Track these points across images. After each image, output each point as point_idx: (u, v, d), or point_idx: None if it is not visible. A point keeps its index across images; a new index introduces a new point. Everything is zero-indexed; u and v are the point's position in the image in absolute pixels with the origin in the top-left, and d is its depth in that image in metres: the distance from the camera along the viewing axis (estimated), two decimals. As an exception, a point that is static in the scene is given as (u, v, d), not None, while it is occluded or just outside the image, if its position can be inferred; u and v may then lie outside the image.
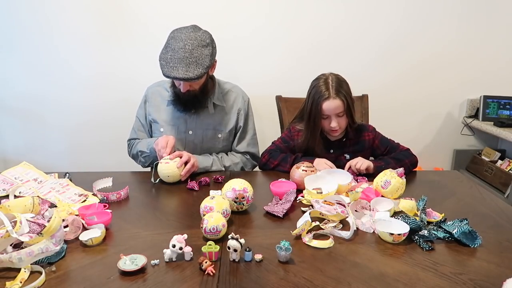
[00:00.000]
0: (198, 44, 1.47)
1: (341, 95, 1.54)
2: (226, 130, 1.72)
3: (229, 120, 1.73)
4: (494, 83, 2.48)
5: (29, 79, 2.32)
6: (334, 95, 1.53)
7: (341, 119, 1.58)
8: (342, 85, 1.56)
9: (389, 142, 1.69)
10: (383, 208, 1.20)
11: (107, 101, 2.36)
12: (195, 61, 1.46)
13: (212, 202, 1.10)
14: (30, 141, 2.42)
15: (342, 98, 1.53)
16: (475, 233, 1.05)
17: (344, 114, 1.57)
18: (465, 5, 2.34)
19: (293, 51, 2.35)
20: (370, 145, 1.67)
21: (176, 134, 1.68)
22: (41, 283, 0.86)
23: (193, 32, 1.49)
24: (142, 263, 0.90)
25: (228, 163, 1.69)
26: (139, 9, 2.23)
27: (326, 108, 1.54)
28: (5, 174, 1.40)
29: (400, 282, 0.88)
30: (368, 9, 2.32)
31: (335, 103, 1.53)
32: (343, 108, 1.55)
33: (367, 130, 1.69)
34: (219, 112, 1.71)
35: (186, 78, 1.46)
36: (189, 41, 1.47)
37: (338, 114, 1.56)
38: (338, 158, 1.65)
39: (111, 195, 1.30)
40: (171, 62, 1.46)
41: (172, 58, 1.46)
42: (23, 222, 0.90)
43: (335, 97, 1.53)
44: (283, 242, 0.95)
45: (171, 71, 1.46)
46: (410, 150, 1.66)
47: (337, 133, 1.62)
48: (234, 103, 1.75)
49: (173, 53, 1.46)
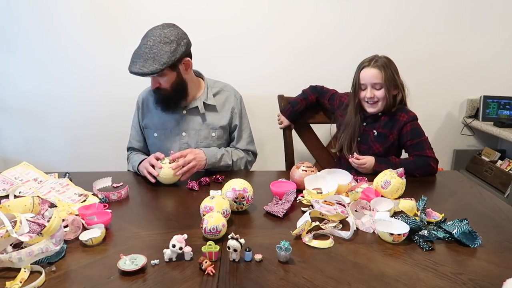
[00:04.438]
0: (160, 41, 1.48)
1: (380, 66, 1.58)
2: (219, 128, 1.72)
3: (222, 118, 1.73)
4: (494, 83, 2.48)
5: (30, 78, 2.31)
6: (374, 64, 1.59)
7: (379, 92, 1.60)
8: (385, 61, 1.61)
9: (420, 136, 1.63)
10: (383, 208, 1.20)
11: (108, 98, 2.35)
12: (153, 57, 1.47)
13: (212, 202, 1.10)
14: (30, 139, 2.42)
15: (380, 69, 1.58)
16: (475, 233, 1.05)
17: (381, 87, 1.59)
18: (465, 5, 2.34)
19: (290, 50, 2.34)
20: (400, 127, 1.63)
21: (170, 137, 1.68)
22: (41, 283, 0.86)
23: (161, 29, 1.51)
24: (142, 263, 0.90)
25: (235, 157, 1.69)
26: (140, 5, 2.23)
27: (363, 76, 1.61)
28: (5, 174, 1.40)
29: (400, 282, 0.88)
30: (368, 8, 2.31)
31: (372, 72, 1.59)
32: (381, 79, 1.58)
33: (406, 112, 1.65)
34: (211, 111, 1.71)
35: (140, 72, 1.47)
36: (153, 37, 1.49)
37: (375, 84, 1.59)
38: (366, 132, 1.67)
39: (112, 195, 1.30)
40: (134, 57, 1.50)
41: (135, 54, 1.50)
42: (23, 222, 0.90)
43: (373, 66, 1.59)
44: (283, 242, 0.95)
45: (130, 65, 1.50)
46: (433, 159, 1.59)
47: (374, 107, 1.63)
48: (226, 102, 1.74)
49: (137, 49, 1.50)
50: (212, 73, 1.73)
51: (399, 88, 1.64)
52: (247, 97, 1.81)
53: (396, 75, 1.62)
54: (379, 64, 1.60)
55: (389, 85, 1.59)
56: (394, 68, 1.63)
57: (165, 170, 1.44)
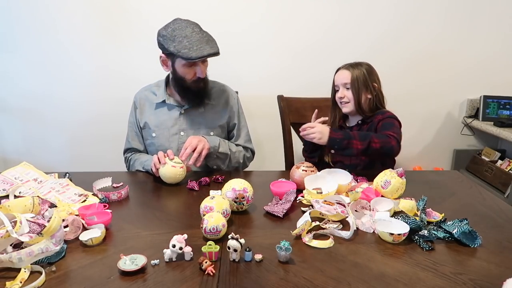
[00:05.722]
0: (199, 26, 1.54)
1: (352, 69, 1.61)
2: (218, 127, 1.72)
3: (221, 117, 1.73)
4: (494, 83, 2.48)
5: (30, 78, 2.32)
6: (346, 66, 1.64)
7: (349, 92, 1.63)
8: (363, 65, 1.64)
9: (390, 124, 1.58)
10: (383, 208, 1.20)
11: (108, 98, 2.36)
12: (211, 39, 1.52)
13: (212, 202, 1.10)
14: (30, 139, 2.42)
15: (349, 69, 1.62)
16: (475, 233, 1.05)
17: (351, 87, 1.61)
18: (465, 5, 2.34)
19: (289, 50, 2.35)
20: (375, 127, 1.63)
21: (168, 136, 1.68)
22: (41, 283, 0.86)
23: (182, 20, 1.53)
24: (142, 263, 0.90)
25: (234, 148, 1.70)
26: (140, 5, 2.23)
27: (336, 78, 1.66)
28: (5, 174, 1.39)
29: (400, 282, 0.88)
30: (368, 8, 2.31)
31: (343, 73, 1.63)
32: (350, 79, 1.60)
33: (381, 113, 1.64)
34: (209, 110, 1.71)
35: (215, 52, 1.49)
36: (192, 24, 1.51)
37: (345, 84, 1.63)
38: None
39: (112, 195, 1.30)
40: (194, 45, 1.47)
41: (191, 43, 1.47)
42: (23, 222, 0.90)
43: (346, 69, 1.63)
44: (283, 242, 0.95)
45: (199, 52, 1.46)
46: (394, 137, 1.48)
47: (346, 107, 1.66)
48: (224, 101, 1.75)
49: (189, 39, 1.47)
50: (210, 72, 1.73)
51: (371, 91, 1.63)
52: (245, 97, 1.82)
53: (370, 79, 1.62)
54: (350, 65, 1.64)
55: (358, 86, 1.61)
56: (371, 72, 1.64)
57: (168, 168, 1.43)
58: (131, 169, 1.71)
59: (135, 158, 1.70)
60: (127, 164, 1.76)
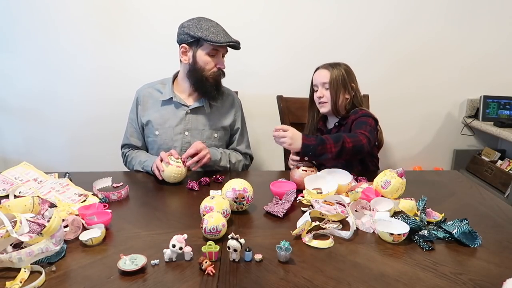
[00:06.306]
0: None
1: (331, 68, 1.61)
2: (221, 129, 1.73)
3: (225, 119, 1.74)
4: (494, 83, 2.48)
5: (30, 78, 2.31)
6: (325, 66, 1.64)
7: (327, 92, 1.63)
8: (341, 65, 1.64)
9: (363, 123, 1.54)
10: (383, 208, 1.20)
11: (108, 98, 2.35)
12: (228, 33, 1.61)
13: (212, 202, 1.10)
14: (30, 139, 2.42)
15: (328, 68, 1.62)
16: (475, 233, 1.05)
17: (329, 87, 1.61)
18: (464, 4, 2.34)
19: (288, 49, 2.34)
20: (349, 127, 1.60)
21: (172, 135, 1.67)
22: (41, 283, 0.86)
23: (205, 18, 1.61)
24: (142, 263, 0.90)
25: (233, 159, 1.70)
26: (140, 4, 2.23)
27: (315, 77, 1.66)
28: (5, 174, 1.39)
29: (400, 282, 0.88)
30: (367, 7, 2.31)
31: (322, 73, 1.63)
32: (328, 79, 1.60)
33: (355, 113, 1.62)
34: (215, 111, 1.72)
35: (239, 43, 1.60)
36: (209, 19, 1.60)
37: (324, 84, 1.62)
38: None
39: (112, 195, 1.30)
40: (221, 33, 1.56)
41: (218, 31, 1.56)
42: (23, 222, 0.90)
43: (325, 68, 1.63)
44: (283, 242, 0.95)
45: (227, 38, 1.56)
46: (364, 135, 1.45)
47: (324, 107, 1.66)
48: (229, 104, 1.76)
49: (215, 28, 1.56)
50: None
51: (349, 92, 1.64)
52: (245, 96, 1.82)
53: (348, 79, 1.62)
54: (330, 64, 1.64)
55: (337, 86, 1.60)
56: (349, 72, 1.65)
57: (173, 168, 1.44)
58: (128, 165, 1.72)
59: (132, 156, 1.70)
60: (124, 159, 1.76)
